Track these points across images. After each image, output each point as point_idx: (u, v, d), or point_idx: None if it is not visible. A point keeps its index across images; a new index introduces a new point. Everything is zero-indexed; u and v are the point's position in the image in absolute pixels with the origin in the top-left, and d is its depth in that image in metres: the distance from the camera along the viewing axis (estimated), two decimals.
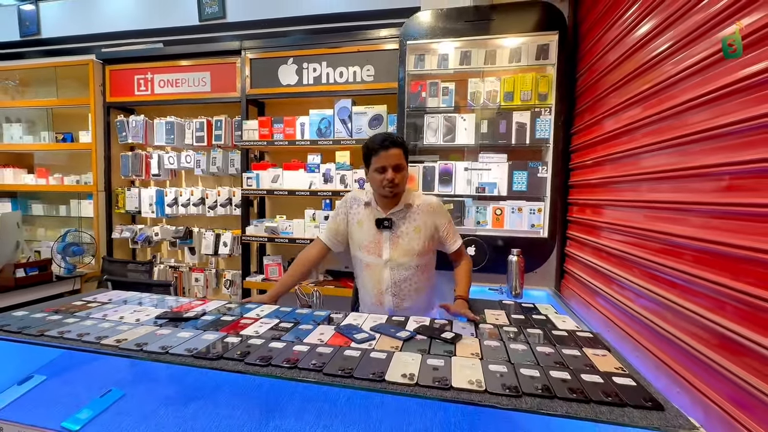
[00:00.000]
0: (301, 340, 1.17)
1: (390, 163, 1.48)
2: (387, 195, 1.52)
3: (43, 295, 2.73)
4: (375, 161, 1.50)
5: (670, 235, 1.17)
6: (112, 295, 1.65)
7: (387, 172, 1.48)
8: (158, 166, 3.11)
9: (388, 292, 1.59)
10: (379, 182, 1.50)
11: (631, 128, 1.48)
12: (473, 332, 1.27)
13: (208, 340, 1.16)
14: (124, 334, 1.18)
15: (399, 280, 1.58)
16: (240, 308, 1.48)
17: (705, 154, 1.05)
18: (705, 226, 1.03)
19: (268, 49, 2.74)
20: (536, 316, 1.49)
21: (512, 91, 2.13)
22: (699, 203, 1.06)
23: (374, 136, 1.54)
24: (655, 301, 1.23)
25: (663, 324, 1.17)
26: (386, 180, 1.48)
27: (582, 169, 1.97)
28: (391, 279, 1.58)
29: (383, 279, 1.59)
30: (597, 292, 1.67)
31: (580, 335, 1.27)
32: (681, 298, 1.10)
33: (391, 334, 1.22)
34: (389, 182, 1.48)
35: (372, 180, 1.55)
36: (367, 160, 1.55)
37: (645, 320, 1.27)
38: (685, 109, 1.13)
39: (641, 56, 1.41)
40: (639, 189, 1.41)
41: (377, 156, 1.49)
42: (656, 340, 1.22)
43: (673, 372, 1.11)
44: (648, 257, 1.28)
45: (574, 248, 2.00)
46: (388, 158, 1.48)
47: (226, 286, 3.06)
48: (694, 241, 1.06)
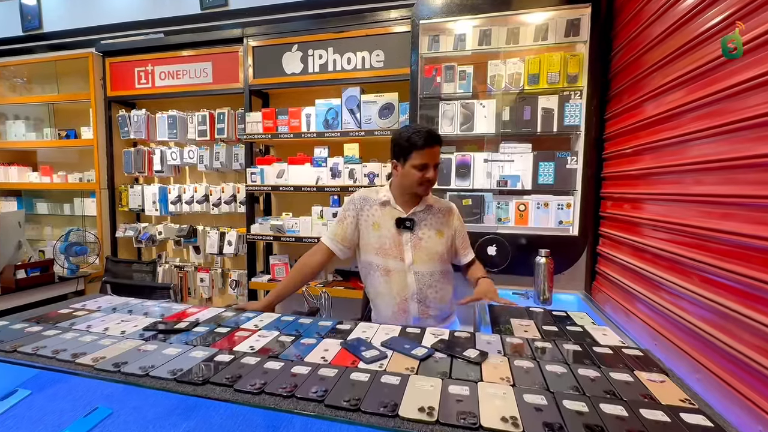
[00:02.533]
0: (302, 359, 1.01)
1: (434, 161, 1.39)
2: (421, 193, 1.43)
3: (46, 296, 2.65)
4: (416, 157, 1.37)
5: (734, 235, 0.97)
6: (103, 301, 1.53)
7: (429, 171, 1.38)
8: (161, 162, 2.99)
9: (413, 299, 1.44)
10: (418, 179, 1.39)
11: (678, 112, 1.28)
12: (500, 348, 1.10)
13: (196, 358, 1.01)
14: (104, 351, 1.05)
15: (424, 286, 1.44)
16: (237, 318, 1.33)
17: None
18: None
19: (271, 35, 2.57)
20: (571, 327, 1.31)
21: (538, 73, 1.92)
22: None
23: (414, 129, 1.39)
24: (718, 312, 1.03)
25: (730, 341, 0.98)
26: (426, 178, 1.38)
27: (618, 158, 1.75)
28: (416, 285, 1.43)
29: (408, 285, 1.44)
30: (638, 297, 1.47)
31: (627, 353, 1.08)
32: (755, 310, 0.90)
33: (405, 351, 1.06)
34: (429, 181, 1.39)
35: (406, 176, 1.41)
36: (405, 154, 1.39)
37: (706, 335, 1.07)
38: (738, 92, 0.98)
39: (689, 30, 1.23)
40: (690, 181, 1.21)
41: (420, 152, 1.36)
42: (722, 359, 1.02)
43: (750, 403, 0.91)
44: (709, 261, 1.07)
45: (609, 247, 1.80)
46: (433, 156, 1.38)
47: (231, 287, 2.94)
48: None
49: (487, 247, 1.94)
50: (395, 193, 1.47)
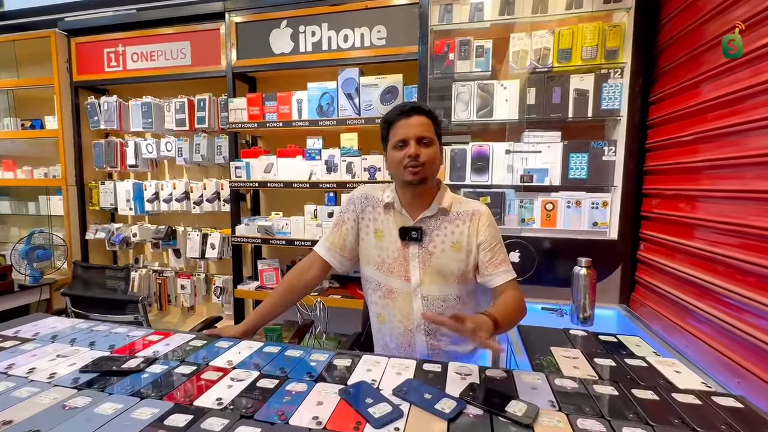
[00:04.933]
0: (287, 420, 0.73)
1: (412, 133, 1.05)
2: (410, 181, 1.07)
3: (4, 308, 2.34)
4: (392, 134, 1.08)
5: None
6: (44, 326, 1.23)
7: (409, 146, 1.05)
8: (135, 155, 2.67)
9: (420, 330, 1.13)
10: (400, 161, 1.06)
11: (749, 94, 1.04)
12: (552, 398, 0.82)
13: (140, 421, 0.73)
14: (14, 409, 0.77)
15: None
16: (207, 348, 1.05)
17: None
18: None
19: (257, 9, 2.26)
20: (631, 360, 1.04)
21: (570, 48, 1.63)
22: None
23: (394, 106, 1.12)
24: None
25: None
26: (407, 156, 1.05)
27: (668, 149, 1.48)
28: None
29: (413, 312, 1.13)
30: (702, 317, 1.20)
31: (721, 403, 0.81)
32: None
33: (427, 405, 0.78)
34: (411, 159, 1.04)
35: (391, 162, 1.11)
36: (384, 137, 1.12)
37: None
38: None
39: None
40: None
41: (395, 127, 1.07)
42: None
43: None
44: None
45: (654, 253, 1.53)
46: (410, 127, 1.05)
47: (216, 294, 2.65)
48: None
49: (508, 253, 1.66)
50: (399, 191, 1.16)
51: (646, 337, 1.28)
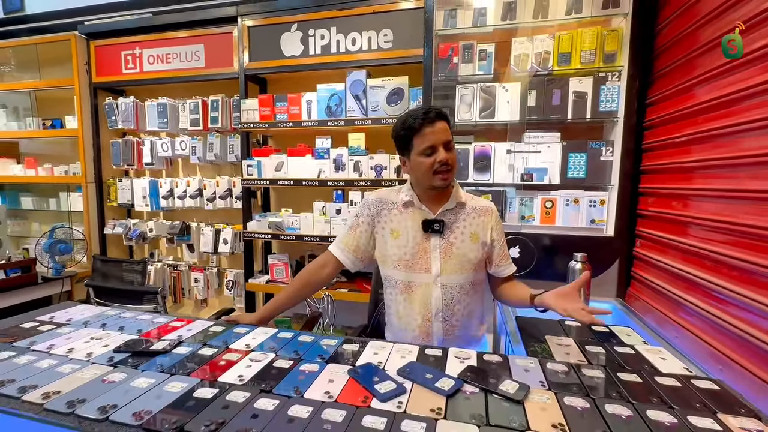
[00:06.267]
0: (302, 394, 0.82)
1: (440, 139, 1.12)
2: (440, 185, 1.15)
3: (28, 299, 2.47)
4: (419, 142, 1.13)
5: None
6: (74, 312, 1.33)
7: (438, 152, 1.12)
8: (151, 153, 2.78)
9: (438, 317, 1.22)
10: (429, 167, 1.13)
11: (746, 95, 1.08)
12: (542, 379, 0.90)
13: (172, 393, 0.82)
14: (60, 382, 0.86)
15: (451, 302, 1.22)
16: (226, 334, 1.14)
17: None
18: None
19: (268, 14, 2.34)
20: (620, 348, 1.11)
21: (569, 52, 1.69)
22: None
23: (408, 113, 1.16)
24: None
25: None
26: (438, 162, 1.12)
27: (663, 149, 1.54)
28: (442, 300, 1.21)
29: (432, 301, 1.21)
30: (692, 310, 1.26)
31: (700, 386, 0.88)
32: None
33: (427, 383, 0.86)
34: (443, 164, 1.12)
35: (417, 168, 1.16)
36: (406, 144, 1.16)
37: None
38: None
39: (759, 1, 1.04)
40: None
41: (420, 134, 1.12)
42: None
43: None
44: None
45: (649, 249, 1.59)
46: (437, 134, 1.12)
47: (228, 288, 2.75)
48: None
49: (509, 249, 1.73)
50: (417, 191, 1.23)
51: (638, 328, 1.35)
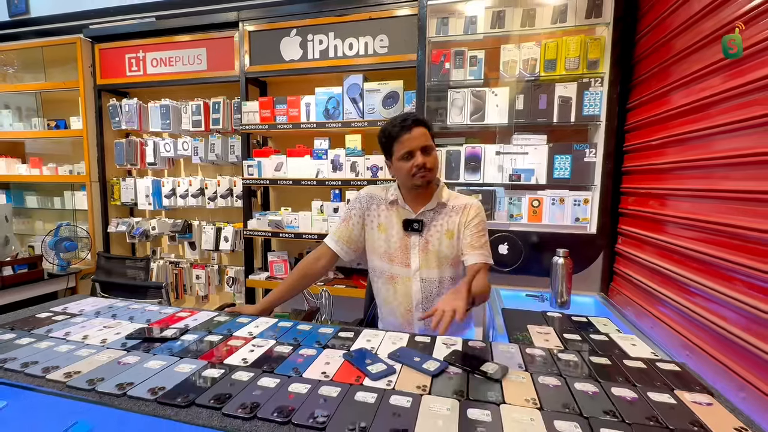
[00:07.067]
0: (300, 374, 0.90)
1: (416, 145, 1.21)
2: (420, 185, 1.25)
3: (34, 294, 2.54)
4: (398, 148, 1.23)
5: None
6: (86, 304, 1.41)
7: (416, 157, 1.22)
8: (154, 153, 2.86)
9: (418, 309, 1.32)
10: (408, 171, 1.23)
11: (712, 102, 1.17)
12: (521, 361, 0.98)
13: (182, 373, 0.90)
14: (80, 364, 0.94)
15: (430, 295, 1.31)
16: (230, 323, 1.22)
17: None
18: None
19: (268, 19, 2.42)
20: (595, 335, 1.20)
21: (555, 59, 1.78)
22: None
23: (391, 120, 1.27)
24: (763, 321, 0.92)
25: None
26: (416, 166, 1.21)
27: (642, 151, 1.63)
28: (421, 293, 1.31)
29: (412, 294, 1.31)
30: (666, 301, 1.35)
31: (663, 368, 0.97)
32: None
33: (415, 365, 0.94)
34: (420, 168, 1.22)
35: (399, 171, 1.27)
36: (388, 150, 1.27)
37: (751, 347, 0.96)
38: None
39: (726, 13, 1.13)
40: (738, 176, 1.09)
41: (399, 141, 1.22)
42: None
43: None
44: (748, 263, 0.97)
45: (629, 246, 1.68)
46: (413, 140, 1.21)
47: (228, 284, 2.83)
48: None
49: (498, 246, 1.82)
50: (402, 191, 1.34)
51: (616, 320, 1.44)
